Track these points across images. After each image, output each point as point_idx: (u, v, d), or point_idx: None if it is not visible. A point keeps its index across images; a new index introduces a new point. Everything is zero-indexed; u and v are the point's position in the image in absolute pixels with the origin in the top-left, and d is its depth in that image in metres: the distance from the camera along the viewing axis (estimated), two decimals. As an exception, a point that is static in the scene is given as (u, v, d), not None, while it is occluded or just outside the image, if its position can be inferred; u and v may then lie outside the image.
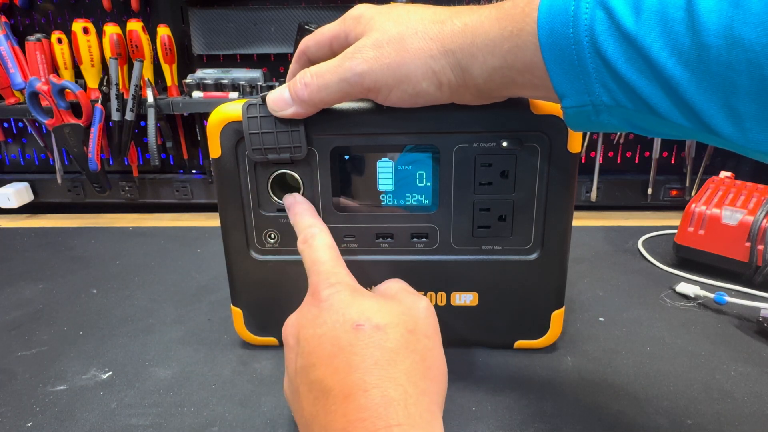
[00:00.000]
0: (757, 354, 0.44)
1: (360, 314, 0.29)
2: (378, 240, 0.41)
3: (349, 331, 0.28)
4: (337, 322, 0.29)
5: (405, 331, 0.29)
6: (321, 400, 0.27)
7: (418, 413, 0.25)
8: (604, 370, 0.42)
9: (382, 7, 0.34)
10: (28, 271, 0.63)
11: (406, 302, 0.32)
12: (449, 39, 0.30)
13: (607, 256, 0.63)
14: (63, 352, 0.46)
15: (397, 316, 0.30)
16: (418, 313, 0.31)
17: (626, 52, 0.25)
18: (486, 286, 0.42)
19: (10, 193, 0.84)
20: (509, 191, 0.39)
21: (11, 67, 0.75)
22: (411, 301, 0.32)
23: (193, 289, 0.58)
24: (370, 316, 0.29)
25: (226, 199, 0.41)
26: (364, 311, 0.29)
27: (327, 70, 0.33)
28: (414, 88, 0.32)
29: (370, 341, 0.28)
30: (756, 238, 0.53)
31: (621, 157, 0.82)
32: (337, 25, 0.35)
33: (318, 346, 0.29)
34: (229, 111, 0.38)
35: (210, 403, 0.39)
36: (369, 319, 0.29)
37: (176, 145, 0.83)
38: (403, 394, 0.26)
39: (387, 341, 0.28)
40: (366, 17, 0.33)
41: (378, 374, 0.26)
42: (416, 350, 0.29)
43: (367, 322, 0.29)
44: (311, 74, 0.33)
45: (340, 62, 0.32)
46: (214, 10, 0.78)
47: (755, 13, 0.21)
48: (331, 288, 0.31)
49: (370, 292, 0.33)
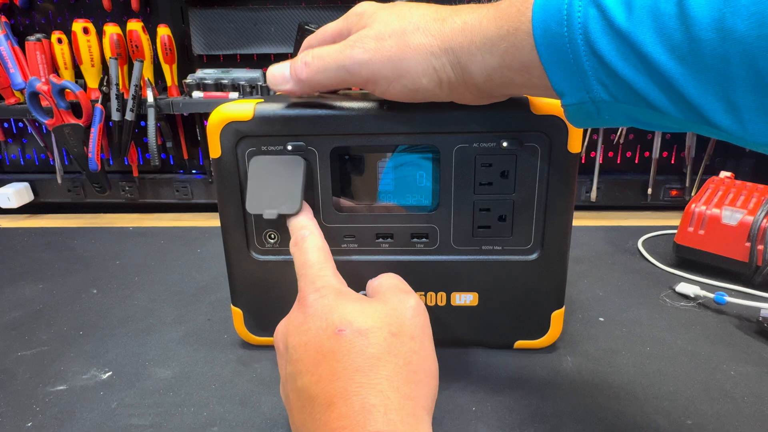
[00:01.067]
0: (757, 354, 0.44)
1: (342, 319, 0.29)
2: (378, 240, 0.41)
3: (331, 337, 0.28)
4: (320, 328, 0.29)
5: (388, 334, 0.29)
6: (308, 408, 0.27)
7: (399, 419, 0.25)
8: (604, 370, 0.42)
9: (385, 4, 0.34)
10: (28, 271, 0.63)
11: (392, 302, 0.31)
12: (449, 37, 0.30)
13: (607, 256, 0.63)
14: (63, 352, 0.46)
15: (381, 318, 0.29)
16: (404, 314, 0.31)
17: (620, 48, 0.25)
18: (486, 286, 0.42)
19: (10, 193, 0.84)
20: (509, 191, 0.39)
21: (11, 67, 0.76)
22: (397, 301, 0.32)
23: (193, 289, 0.58)
24: (352, 320, 0.29)
25: (226, 199, 0.41)
26: (346, 315, 0.29)
27: (328, 53, 0.33)
28: (413, 83, 0.32)
29: (352, 347, 0.27)
30: (756, 238, 0.53)
31: (621, 157, 0.82)
32: (340, 21, 0.36)
33: (304, 353, 0.28)
34: (229, 111, 0.38)
35: (210, 403, 0.39)
36: (350, 323, 0.28)
37: (176, 145, 0.83)
38: (383, 400, 0.26)
39: (369, 346, 0.28)
40: (369, 12, 0.34)
41: (359, 381, 0.26)
42: (399, 354, 0.28)
43: (349, 327, 0.28)
44: (313, 55, 0.34)
45: (342, 48, 0.33)
46: (214, 10, 0.78)
47: (745, 5, 0.21)
48: (317, 292, 0.31)
49: (359, 293, 0.33)
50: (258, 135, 0.38)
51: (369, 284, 0.36)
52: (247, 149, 0.39)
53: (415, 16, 0.32)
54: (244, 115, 0.38)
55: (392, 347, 0.28)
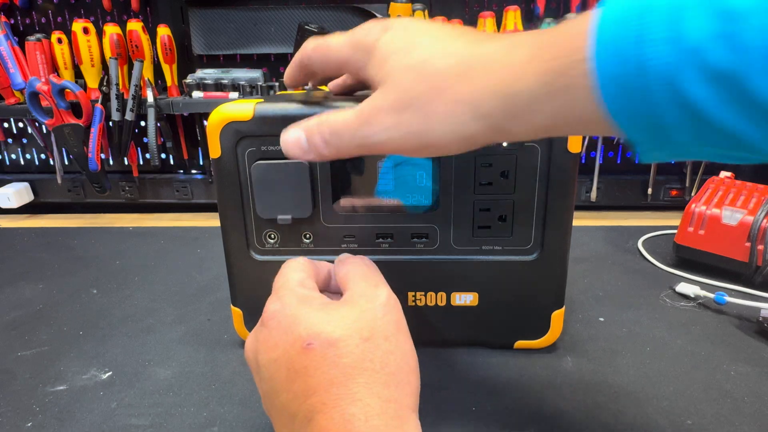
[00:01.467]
0: (757, 354, 0.44)
1: (309, 331, 0.27)
2: (378, 240, 0.41)
3: (300, 352, 0.27)
4: (288, 343, 0.28)
5: (360, 340, 0.27)
6: (289, 425, 0.27)
7: (383, 423, 0.25)
8: (604, 370, 0.42)
9: (397, 37, 0.28)
10: (28, 271, 0.63)
11: (360, 304, 0.30)
12: (483, 101, 0.25)
13: (607, 256, 0.63)
14: (63, 352, 0.46)
15: (350, 325, 0.28)
16: (374, 315, 0.29)
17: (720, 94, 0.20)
18: (486, 286, 0.42)
19: (10, 193, 0.84)
20: (509, 191, 0.39)
21: (11, 67, 0.76)
22: (365, 302, 0.30)
23: (193, 289, 0.58)
24: (320, 330, 0.27)
25: (226, 199, 0.41)
26: (312, 326, 0.28)
27: (344, 130, 0.29)
28: (441, 151, 0.28)
29: (323, 360, 0.26)
30: (756, 238, 0.53)
31: (621, 157, 0.82)
32: (347, 47, 0.31)
33: (276, 371, 0.28)
34: (229, 111, 0.38)
35: (210, 403, 0.39)
36: (318, 335, 0.27)
37: (176, 145, 0.83)
38: (363, 408, 0.25)
39: (341, 356, 0.27)
40: (381, 55, 0.28)
41: (336, 393, 0.26)
42: (374, 359, 0.27)
43: (317, 339, 0.27)
44: (330, 132, 0.30)
45: (357, 125, 0.28)
46: (214, 10, 0.78)
47: None
48: (278, 301, 0.30)
49: (320, 294, 0.31)
50: (258, 135, 0.38)
51: (336, 269, 0.35)
52: (247, 149, 0.39)
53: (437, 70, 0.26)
54: (244, 115, 0.38)
55: (366, 353, 0.27)
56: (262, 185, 0.39)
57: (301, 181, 0.39)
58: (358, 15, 0.76)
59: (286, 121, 0.38)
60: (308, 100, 0.38)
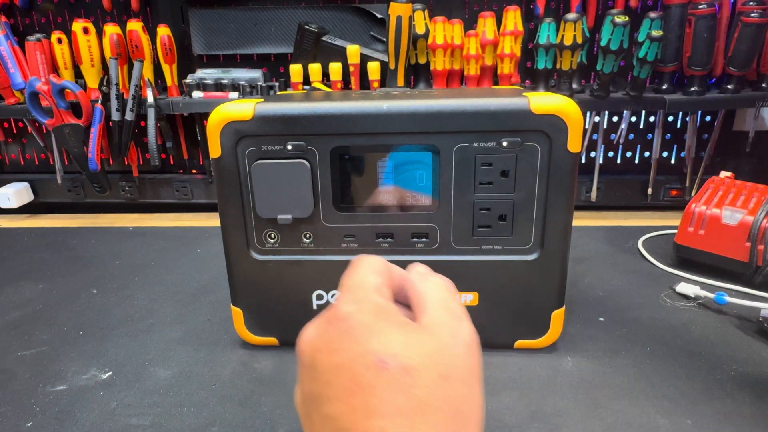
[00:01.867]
0: (757, 354, 0.44)
1: (384, 348, 0.25)
2: (378, 240, 0.41)
3: (370, 368, 0.24)
4: (357, 353, 0.25)
5: (437, 376, 0.25)
6: None
7: None
8: (604, 370, 0.42)
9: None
10: (28, 271, 0.63)
11: (443, 335, 0.27)
12: None
13: (607, 256, 0.63)
14: (63, 352, 0.46)
15: (430, 355, 0.25)
16: (456, 351, 0.26)
17: None
18: (486, 286, 0.42)
19: (10, 193, 0.84)
20: (509, 191, 0.39)
21: (11, 67, 0.76)
22: (449, 334, 0.27)
23: (193, 289, 0.58)
24: (397, 352, 0.25)
25: (226, 199, 0.41)
26: (388, 344, 0.25)
27: None
28: None
29: (395, 385, 0.24)
30: (756, 238, 0.53)
31: (621, 157, 0.82)
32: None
33: (335, 377, 0.25)
34: (229, 111, 0.38)
35: (210, 403, 0.39)
36: (395, 356, 0.24)
37: (176, 145, 0.83)
38: None
39: (414, 387, 0.24)
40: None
41: (401, 424, 0.23)
42: (450, 400, 0.24)
43: (393, 360, 0.24)
44: None
45: None
46: (214, 10, 0.78)
47: None
48: (352, 304, 0.27)
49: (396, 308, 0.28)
50: (258, 135, 0.38)
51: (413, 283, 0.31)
52: (247, 149, 0.39)
53: None
54: (244, 115, 0.38)
55: (442, 391, 0.24)
56: (262, 185, 0.39)
57: (302, 180, 0.39)
58: (358, 15, 0.76)
59: (286, 121, 0.38)
60: (308, 100, 0.38)
